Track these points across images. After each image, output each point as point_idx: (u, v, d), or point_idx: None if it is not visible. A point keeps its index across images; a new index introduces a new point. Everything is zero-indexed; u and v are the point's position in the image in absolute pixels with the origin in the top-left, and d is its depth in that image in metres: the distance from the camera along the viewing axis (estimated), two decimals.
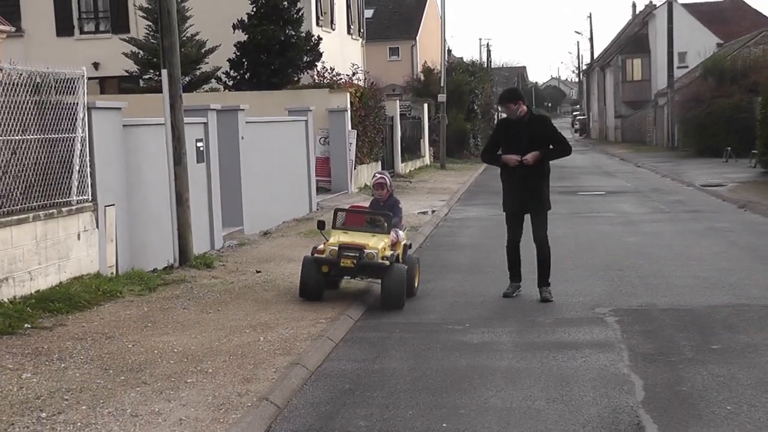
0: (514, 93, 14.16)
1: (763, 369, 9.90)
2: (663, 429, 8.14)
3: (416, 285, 14.24)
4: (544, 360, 10.44)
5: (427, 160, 51.78)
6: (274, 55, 35.87)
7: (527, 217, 14.04)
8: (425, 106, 52.67)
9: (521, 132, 13.56)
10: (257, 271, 16.22)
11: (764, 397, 8.90)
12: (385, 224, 13.58)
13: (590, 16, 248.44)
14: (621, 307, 13.15)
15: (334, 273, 13.45)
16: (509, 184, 13.92)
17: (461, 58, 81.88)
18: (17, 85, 13.59)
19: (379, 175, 14.65)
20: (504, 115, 14.63)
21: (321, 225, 14.21)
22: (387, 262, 12.95)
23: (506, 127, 14.04)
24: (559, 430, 8.16)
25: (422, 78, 60.21)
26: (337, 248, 13.03)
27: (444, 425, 8.32)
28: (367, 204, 14.49)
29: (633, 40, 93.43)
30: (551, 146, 13.93)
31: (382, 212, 13.84)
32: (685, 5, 79.40)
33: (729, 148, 46.94)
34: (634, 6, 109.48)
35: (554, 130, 14.12)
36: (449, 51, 70.76)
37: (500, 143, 14.13)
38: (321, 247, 13.35)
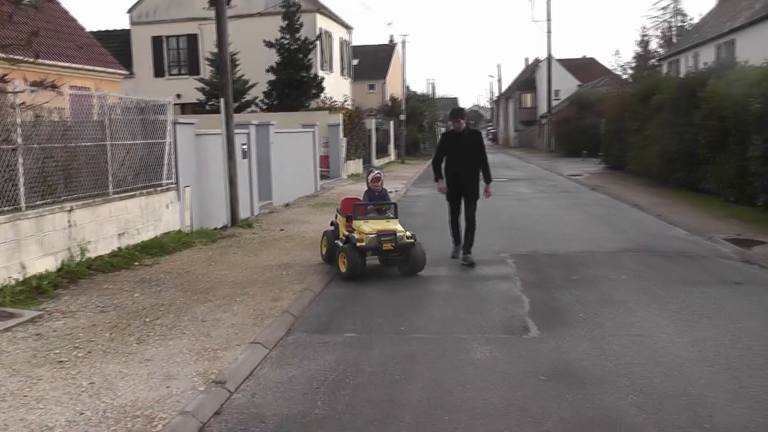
0: (462, 111, 13.05)
1: (603, 291, 10.01)
2: (540, 328, 8.25)
3: None
4: (468, 287, 10.48)
5: (392, 157, 51.75)
6: (293, 89, 36.19)
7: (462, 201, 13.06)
8: (392, 122, 52.72)
9: (463, 142, 12.40)
10: (281, 230, 16.16)
11: (602, 309, 9.03)
12: (394, 211, 11.85)
13: (499, 66, 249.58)
14: (516, 252, 13.17)
15: (375, 255, 11.37)
16: (454, 180, 12.52)
17: (415, 91, 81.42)
18: (129, 108, 13.75)
19: (376, 171, 12.44)
20: (445, 129, 13.65)
21: (349, 218, 11.60)
22: (412, 240, 11.28)
23: (451, 138, 12.64)
24: (477, 330, 8.22)
25: (390, 104, 60.10)
26: (375, 235, 10.89)
27: (402, 328, 8.36)
28: (360, 196, 12.49)
29: (525, 81, 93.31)
30: (480, 157, 12.53)
31: (388, 202, 12.00)
32: (558, 60, 79.27)
33: (585, 152, 47.06)
34: (526, 59, 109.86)
35: (483, 144, 12.73)
36: (407, 87, 70.62)
37: (446, 150, 12.64)
38: (357, 236, 11.01)
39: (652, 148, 26.10)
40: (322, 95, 38.07)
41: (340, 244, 11.35)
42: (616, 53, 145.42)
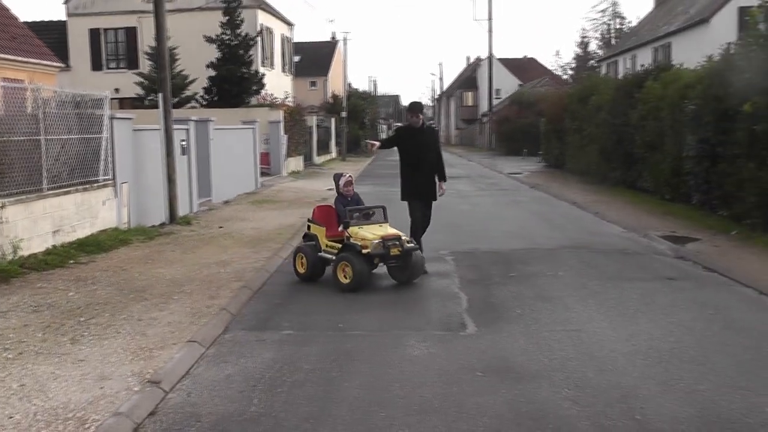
0: (421, 106, 12.27)
1: (541, 287, 10.14)
2: (477, 324, 8.32)
3: None
4: (406, 284, 10.46)
5: (334, 155, 51.67)
6: (234, 85, 35.97)
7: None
8: (333, 119, 52.63)
9: (418, 137, 11.69)
10: (220, 227, 16.06)
11: (539, 304, 9.15)
12: (384, 214, 10.88)
13: (440, 64, 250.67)
14: (456, 250, 13.24)
15: (382, 262, 10.33)
16: (416, 182, 11.66)
17: (357, 88, 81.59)
18: (65, 102, 13.55)
19: (347, 175, 11.34)
20: (401, 124, 12.49)
21: (345, 225, 10.44)
22: (416, 245, 10.63)
23: (408, 133, 11.83)
24: (415, 327, 8.25)
25: (331, 101, 60.10)
26: (381, 241, 9.97)
27: (340, 325, 8.36)
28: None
29: (467, 80, 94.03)
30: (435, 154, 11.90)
31: (377, 205, 11.02)
32: (500, 59, 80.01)
33: (525, 150, 47.66)
34: (468, 58, 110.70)
35: (438, 141, 12.44)
36: (349, 84, 70.66)
37: (402, 143, 11.75)
38: (360, 243, 10.04)
39: (591, 148, 26.53)
40: (263, 92, 37.90)
41: (327, 256, 10.43)
42: (557, 54, 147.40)
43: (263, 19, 43.37)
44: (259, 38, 40.09)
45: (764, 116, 13.52)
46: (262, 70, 40.36)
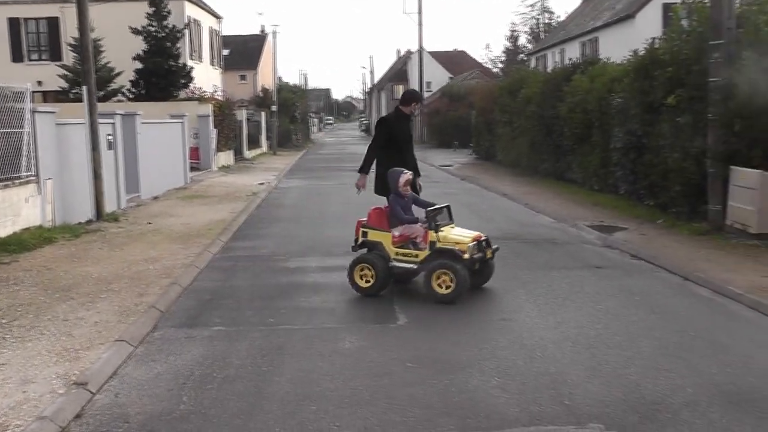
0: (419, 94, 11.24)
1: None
2: (408, 316, 8.39)
3: None
4: (336, 277, 10.50)
5: (264, 149, 51.28)
6: (161, 78, 35.47)
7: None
8: (263, 113, 52.29)
9: (405, 126, 10.82)
10: (149, 223, 15.83)
11: (469, 295, 9.16)
12: (450, 214, 9.72)
13: (371, 57, 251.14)
14: None
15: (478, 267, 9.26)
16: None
17: (288, 82, 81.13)
18: None
19: (407, 172, 9.83)
20: (389, 113, 11.08)
21: (436, 228, 9.17)
22: (497, 246, 9.81)
23: (399, 124, 10.73)
24: (346, 320, 8.30)
25: (262, 95, 59.69)
26: (476, 244, 9.06)
27: (271, 320, 8.33)
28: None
29: (398, 73, 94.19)
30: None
31: (443, 205, 9.76)
32: (430, 52, 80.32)
33: (456, 143, 48.02)
34: (398, 51, 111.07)
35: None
36: (279, 78, 70.30)
37: (395, 136, 10.59)
38: (457, 248, 8.88)
39: (521, 140, 26.90)
40: (192, 85, 37.41)
41: (402, 265, 9.26)
42: (487, 47, 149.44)
43: (191, 11, 42.80)
44: (186, 30, 39.56)
45: (688, 109, 13.91)
46: (190, 63, 39.86)
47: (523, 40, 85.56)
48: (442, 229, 9.20)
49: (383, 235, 9.49)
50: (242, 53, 70.09)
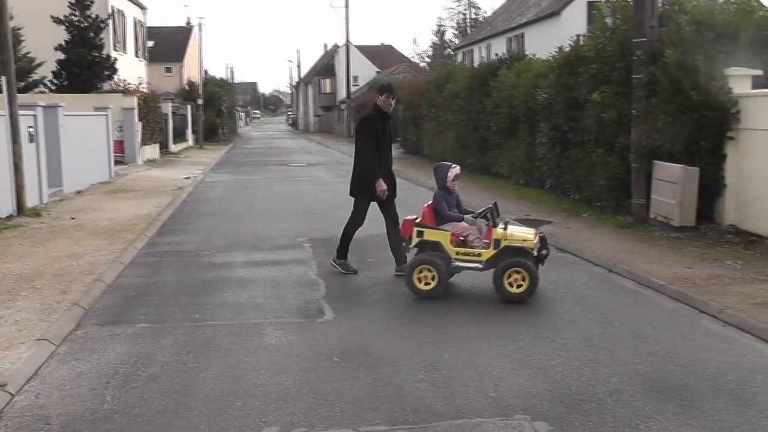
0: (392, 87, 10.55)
1: None
2: (335, 310, 8.38)
3: None
4: (263, 272, 10.44)
5: (191, 143, 50.58)
6: (84, 69, 34.51)
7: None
8: (189, 107, 51.52)
9: (387, 123, 10.38)
10: (72, 218, 15.44)
11: (397, 289, 9.23)
12: (497, 211, 9.26)
13: (298, 51, 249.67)
14: (314, 237, 13.24)
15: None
16: (388, 176, 10.36)
17: (214, 75, 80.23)
18: None
19: (457, 168, 9.50)
20: (373, 110, 10.41)
21: (504, 225, 9.05)
22: None
23: (381, 123, 10.20)
24: (272, 315, 8.22)
25: (187, 88, 58.83)
26: (539, 240, 8.93)
27: (197, 316, 8.23)
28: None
29: (325, 67, 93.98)
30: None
31: (492, 203, 9.29)
32: (357, 46, 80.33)
33: None
34: (325, 45, 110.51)
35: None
36: (206, 71, 69.31)
37: (377, 134, 10.11)
38: (525, 245, 8.69)
39: (448, 134, 27.09)
40: (116, 77, 36.60)
41: (466, 265, 8.91)
42: (414, 42, 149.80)
43: (114, 0, 41.92)
44: (110, 21, 38.72)
45: (612, 105, 14.19)
46: (114, 54, 39.04)
47: (450, 34, 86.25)
48: (507, 226, 8.98)
49: (442, 234, 8.97)
50: (168, 45, 68.97)
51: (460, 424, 5.33)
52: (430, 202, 9.38)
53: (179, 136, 45.87)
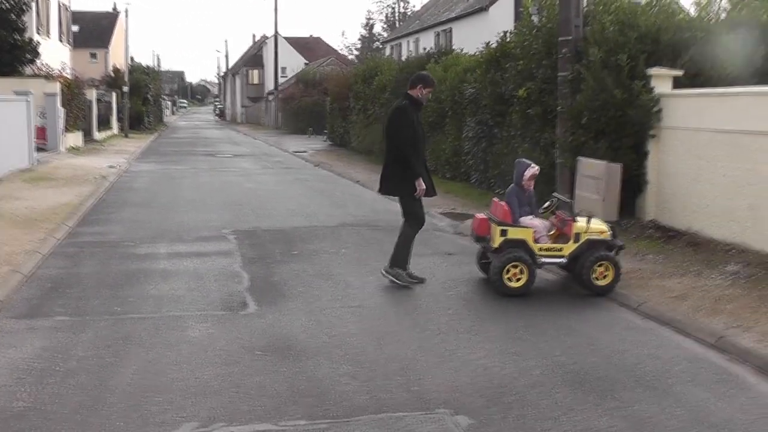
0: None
1: (321, 265, 10.25)
2: (259, 303, 8.28)
3: None
4: (187, 264, 10.27)
5: (115, 131, 49.45)
6: (5, 53, 33.34)
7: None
8: (114, 94, 50.47)
9: (421, 119, 9.58)
10: None
11: (321, 282, 9.25)
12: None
13: (226, 41, 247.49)
14: (238, 228, 13.07)
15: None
16: (427, 172, 9.51)
17: (141, 63, 78.50)
18: None
19: (536, 167, 9.15)
20: (405, 101, 9.28)
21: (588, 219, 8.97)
22: None
23: (417, 115, 9.32)
24: (194, 308, 8.09)
25: (113, 75, 57.53)
26: (612, 230, 9.07)
27: (117, 309, 8.04)
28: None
29: (253, 58, 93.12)
30: None
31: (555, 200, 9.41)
32: (286, 38, 79.81)
33: (311, 129, 47.93)
34: (254, 36, 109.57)
35: None
36: (132, 58, 67.92)
37: (416, 130, 9.17)
38: (603, 236, 8.88)
39: (375, 127, 27.07)
40: (39, 62, 35.56)
41: (552, 261, 8.96)
42: (343, 34, 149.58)
43: None
44: (33, 3, 37.59)
45: (537, 101, 14.36)
46: (37, 38, 37.83)
47: (378, 28, 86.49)
48: (579, 219, 8.92)
49: (526, 231, 8.85)
50: (93, 31, 67.35)
51: (382, 418, 5.30)
52: (497, 200, 9.31)
53: (104, 124, 44.86)
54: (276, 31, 65.05)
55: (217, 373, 6.12)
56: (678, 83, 12.49)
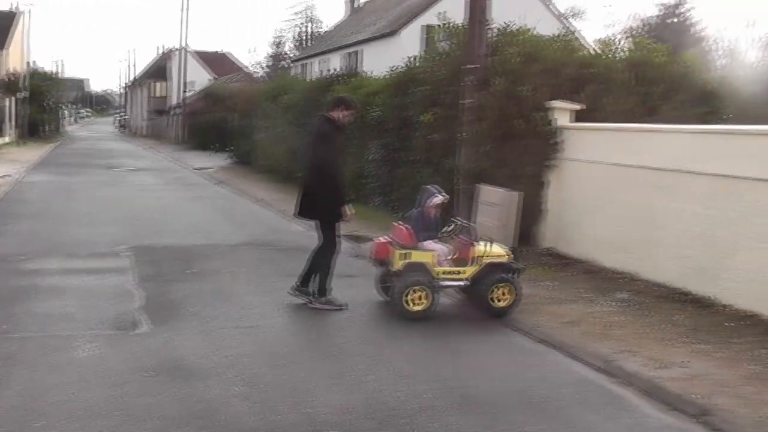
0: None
1: (220, 284, 10.18)
2: (152, 322, 8.14)
3: None
4: (79, 280, 10.04)
5: (9, 138, 47.95)
6: None
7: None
8: (9, 100, 48.90)
9: (343, 142, 9.74)
10: None
11: (217, 302, 9.16)
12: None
13: (131, 51, 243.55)
14: (135, 245, 12.80)
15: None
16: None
17: (41, 68, 76.18)
18: None
19: (444, 197, 9.28)
20: (329, 118, 9.16)
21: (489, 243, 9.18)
22: None
23: (339, 137, 9.34)
24: (84, 327, 7.92)
25: (10, 79, 55.73)
26: (511, 253, 9.36)
27: (3, 327, 7.79)
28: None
29: (158, 70, 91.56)
30: None
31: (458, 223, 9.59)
32: (193, 52, 78.90)
33: (216, 145, 47.38)
34: (161, 47, 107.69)
35: None
36: (30, 63, 65.85)
37: (339, 154, 9.42)
38: (504, 259, 9.08)
39: (280, 146, 27.00)
40: None
41: (453, 284, 9.05)
42: (252, 51, 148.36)
43: None
44: None
45: (441, 127, 14.57)
46: None
47: (288, 46, 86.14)
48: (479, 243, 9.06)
49: (427, 254, 8.91)
50: None
51: None
52: (398, 224, 9.30)
53: None
54: (184, 44, 64.36)
55: (104, 395, 5.99)
56: (579, 117, 12.90)
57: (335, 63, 40.48)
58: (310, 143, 9.38)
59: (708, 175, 9.68)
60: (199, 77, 75.65)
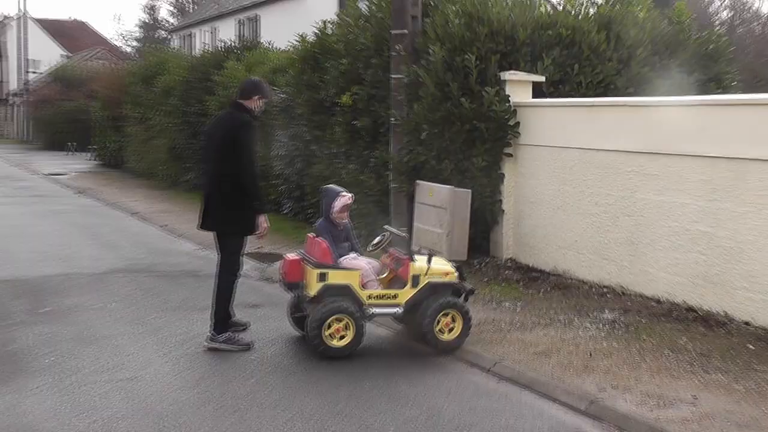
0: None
1: (82, 325, 10.00)
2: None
3: None
4: None
5: None
6: None
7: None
8: None
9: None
10: None
11: (81, 349, 9.00)
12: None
13: None
14: None
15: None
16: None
17: None
18: None
19: (350, 195, 9.27)
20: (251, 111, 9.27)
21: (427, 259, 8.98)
22: None
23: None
24: None
25: None
26: (458, 271, 9.27)
27: None
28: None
29: None
30: None
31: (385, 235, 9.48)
32: (36, 20, 77.75)
33: (73, 143, 46.88)
34: None
35: None
36: None
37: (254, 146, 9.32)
38: (447, 279, 9.05)
39: (159, 142, 26.78)
40: None
41: (384, 311, 8.98)
42: (117, 19, 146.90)
43: None
44: None
45: (365, 110, 14.54)
46: None
47: (165, 12, 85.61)
48: (417, 258, 9.02)
49: (350, 274, 8.86)
50: None
51: None
52: (312, 235, 9.26)
53: None
54: (23, 9, 63.37)
55: None
56: (539, 92, 12.97)
57: (227, 32, 40.37)
58: (218, 142, 9.23)
59: (709, 158, 9.77)
60: (47, 54, 74.64)
